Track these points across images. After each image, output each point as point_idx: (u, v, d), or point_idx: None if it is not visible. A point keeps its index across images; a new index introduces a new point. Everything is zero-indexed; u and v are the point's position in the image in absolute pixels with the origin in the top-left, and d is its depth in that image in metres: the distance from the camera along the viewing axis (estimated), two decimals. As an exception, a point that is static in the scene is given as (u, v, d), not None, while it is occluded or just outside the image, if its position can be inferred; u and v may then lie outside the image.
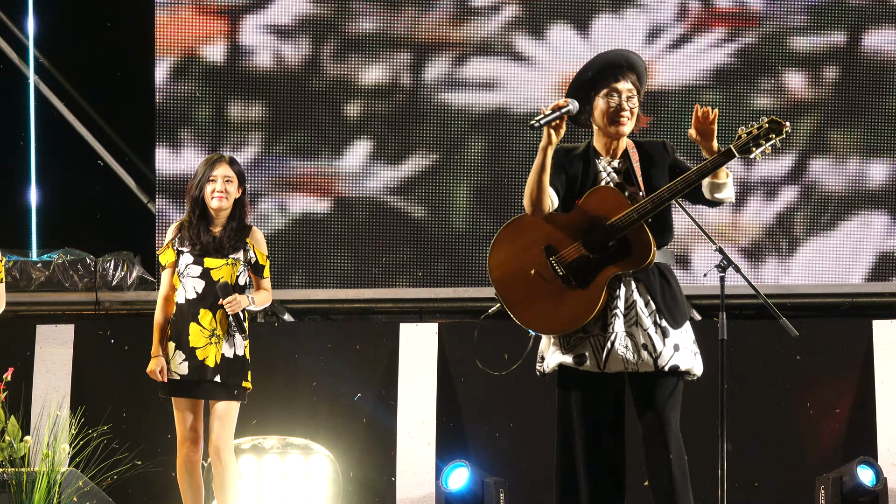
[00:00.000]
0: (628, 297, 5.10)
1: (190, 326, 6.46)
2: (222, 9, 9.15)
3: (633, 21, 8.83)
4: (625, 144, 5.24)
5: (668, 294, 5.14)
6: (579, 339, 5.12)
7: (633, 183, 5.16)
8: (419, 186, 8.97)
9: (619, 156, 5.23)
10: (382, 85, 9.04)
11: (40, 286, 9.10)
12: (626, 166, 5.20)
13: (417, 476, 8.45)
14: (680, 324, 5.14)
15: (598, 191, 5.14)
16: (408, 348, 8.62)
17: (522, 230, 5.21)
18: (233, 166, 6.59)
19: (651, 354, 5.07)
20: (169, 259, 6.56)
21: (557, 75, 8.89)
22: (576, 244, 5.10)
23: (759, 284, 7.89)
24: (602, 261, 5.07)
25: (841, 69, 8.71)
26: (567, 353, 5.13)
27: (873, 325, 8.34)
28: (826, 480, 7.80)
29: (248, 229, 6.60)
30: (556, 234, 5.14)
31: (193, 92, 9.14)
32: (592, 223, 5.10)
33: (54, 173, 9.61)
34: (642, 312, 5.09)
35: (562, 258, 5.11)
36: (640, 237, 5.06)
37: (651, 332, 5.08)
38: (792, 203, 8.70)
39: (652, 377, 5.11)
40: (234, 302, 6.44)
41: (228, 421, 6.50)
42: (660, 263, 5.16)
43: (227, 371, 6.46)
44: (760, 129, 5.04)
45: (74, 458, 7.41)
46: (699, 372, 5.21)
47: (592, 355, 5.10)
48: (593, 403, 5.14)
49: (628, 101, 5.17)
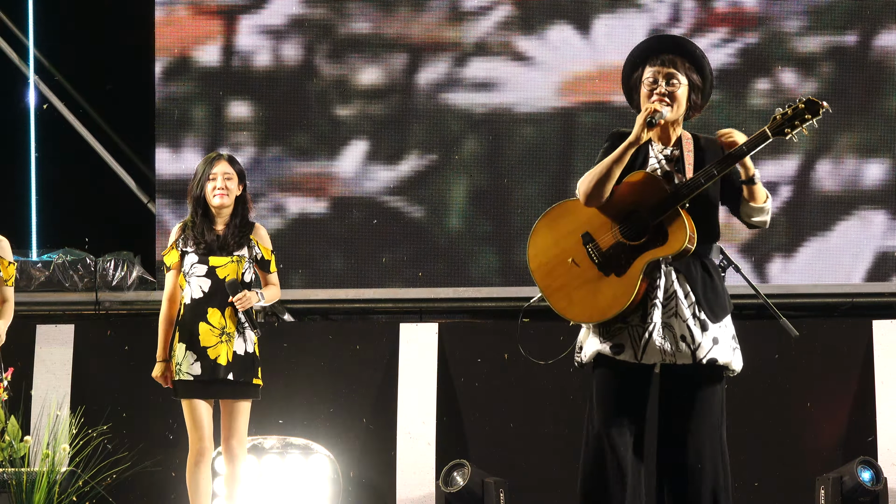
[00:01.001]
0: (668, 287, 5.04)
1: (199, 326, 6.46)
2: (222, 9, 9.15)
3: (634, 21, 8.83)
4: (679, 133, 5.17)
5: (709, 287, 5.08)
6: (618, 328, 5.06)
7: (682, 171, 5.10)
8: (419, 186, 8.97)
9: (671, 143, 5.17)
10: (381, 85, 9.04)
11: (40, 286, 9.10)
12: (678, 154, 5.14)
13: (417, 476, 8.45)
14: (720, 318, 5.08)
15: (636, 175, 5.08)
16: (408, 348, 8.62)
17: (562, 217, 5.16)
18: (232, 164, 6.59)
19: (689, 346, 5.02)
20: (173, 260, 6.56)
21: (557, 75, 8.89)
22: (613, 231, 5.06)
23: (759, 284, 7.89)
24: (639, 248, 5.02)
25: (841, 69, 8.71)
26: (605, 342, 5.08)
27: (873, 325, 8.34)
28: (826, 480, 7.80)
29: (251, 226, 6.61)
30: (595, 220, 5.09)
31: (193, 92, 9.14)
32: (631, 209, 5.05)
33: (54, 173, 9.61)
34: (682, 304, 5.03)
35: (599, 245, 5.06)
36: (676, 223, 5.00)
37: (690, 324, 5.02)
38: (792, 203, 8.70)
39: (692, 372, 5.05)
40: (245, 298, 6.44)
41: (242, 419, 6.50)
42: (703, 257, 5.10)
43: (239, 368, 6.46)
44: (796, 109, 4.98)
45: (74, 458, 7.41)
46: (738, 368, 5.15)
47: (630, 345, 5.04)
48: (628, 394, 5.08)
49: (666, 84, 5.09)
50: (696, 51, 5.17)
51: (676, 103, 5.12)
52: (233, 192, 6.55)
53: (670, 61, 5.12)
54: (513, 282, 8.83)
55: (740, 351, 5.19)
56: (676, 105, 5.12)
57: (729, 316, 5.16)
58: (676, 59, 5.13)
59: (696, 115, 5.21)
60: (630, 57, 5.22)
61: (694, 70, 5.15)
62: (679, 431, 5.07)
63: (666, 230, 5.01)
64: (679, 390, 5.08)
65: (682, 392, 5.08)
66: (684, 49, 5.16)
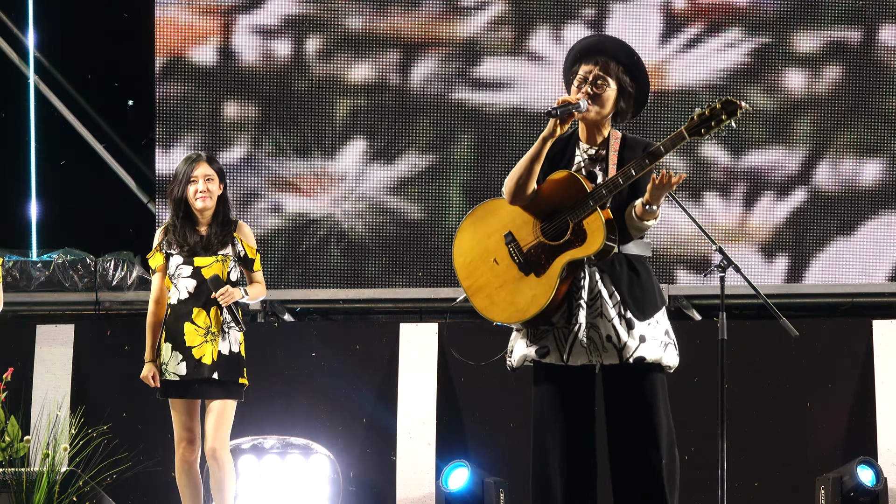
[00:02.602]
0: (592, 287, 5.03)
1: (185, 326, 6.46)
2: (222, 9, 9.15)
3: (632, 19, 8.83)
4: (608, 133, 5.16)
5: (635, 285, 5.05)
6: (544, 331, 5.06)
7: (605, 171, 5.09)
8: (419, 186, 8.97)
9: (598, 143, 5.16)
10: (380, 83, 9.04)
11: (40, 286, 9.10)
12: (603, 154, 5.13)
13: (417, 476, 8.45)
14: (648, 315, 5.05)
15: (558, 175, 5.08)
16: (408, 348, 8.62)
17: (486, 217, 5.16)
18: (212, 164, 6.57)
19: (615, 346, 5.00)
20: (158, 263, 6.56)
21: (558, 72, 8.88)
22: (534, 230, 5.05)
23: (759, 284, 7.88)
24: (559, 247, 5.01)
25: (842, 68, 8.70)
26: (531, 346, 5.08)
27: (873, 325, 8.34)
28: (826, 480, 7.80)
29: (233, 224, 6.59)
30: (518, 220, 5.09)
31: (193, 92, 9.13)
32: (553, 209, 5.05)
33: (54, 173, 9.61)
34: (607, 303, 5.02)
35: (520, 245, 5.06)
36: (594, 223, 4.98)
37: (615, 324, 5.00)
38: (791, 203, 8.70)
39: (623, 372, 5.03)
40: (227, 293, 6.43)
41: (225, 420, 6.48)
42: (630, 254, 5.09)
43: (223, 368, 6.45)
44: (713, 109, 4.95)
45: (74, 458, 7.41)
46: (672, 363, 5.09)
47: (556, 347, 5.04)
48: (563, 398, 5.08)
49: (591, 84, 5.07)
50: (635, 57, 5.16)
51: (600, 104, 5.10)
52: (214, 193, 6.54)
53: (604, 63, 5.11)
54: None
55: (675, 346, 5.12)
56: (600, 106, 5.10)
57: (661, 312, 5.12)
58: (611, 62, 5.12)
59: (626, 120, 5.17)
60: (571, 51, 5.21)
61: (628, 76, 5.13)
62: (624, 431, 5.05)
63: (585, 230, 5.00)
64: (619, 390, 5.06)
65: (622, 391, 5.05)
66: (621, 53, 5.15)
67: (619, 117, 5.17)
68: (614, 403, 5.08)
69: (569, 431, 5.07)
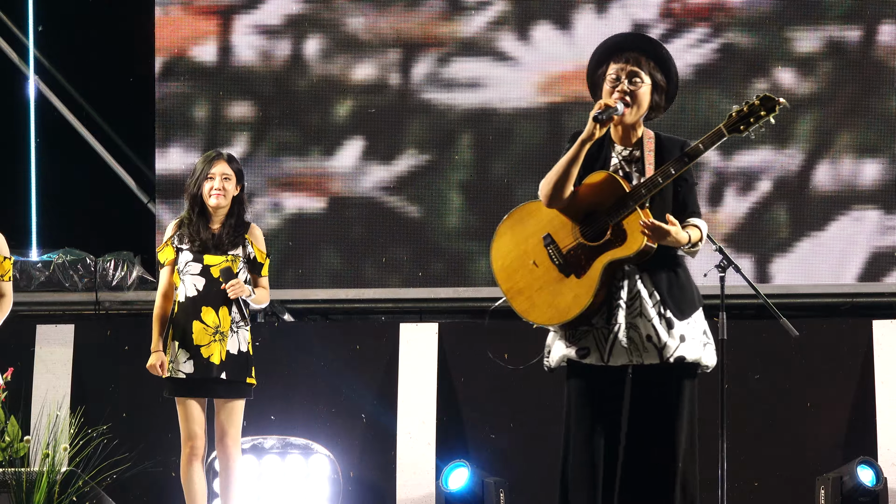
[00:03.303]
0: (632, 287, 5.01)
1: (193, 325, 6.46)
2: (222, 9, 9.15)
3: (631, 18, 8.84)
4: (641, 133, 5.13)
5: (674, 284, 5.04)
6: (584, 332, 5.04)
7: (641, 171, 5.07)
8: (419, 186, 8.97)
9: (632, 143, 5.13)
10: (379, 83, 9.04)
11: (40, 286, 9.10)
12: (638, 155, 5.11)
13: (417, 476, 8.45)
14: (686, 315, 5.04)
15: (596, 176, 5.06)
16: (408, 348, 8.62)
17: (524, 219, 5.16)
18: (231, 164, 6.58)
19: (656, 345, 4.98)
20: (168, 256, 6.56)
21: (559, 71, 8.88)
22: (573, 232, 5.04)
23: (759, 284, 7.89)
24: (599, 248, 5.00)
25: (841, 68, 8.71)
26: (571, 346, 5.06)
27: (873, 325, 8.34)
28: (826, 480, 7.80)
29: (246, 226, 6.60)
30: (556, 221, 5.08)
31: (193, 92, 9.13)
32: (591, 210, 5.04)
33: (54, 173, 9.60)
34: (646, 303, 5.00)
35: (559, 247, 5.05)
36: (634, 224, 4.97)
37: (655, 323, 4.99)
38: (791, 202, 8.70)
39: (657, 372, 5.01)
40: (237, 286, 6.43)
41: (235, 418, 6.50)
42: (669, 254, 5.07)
43: (232, 368, 6.46)
44: (752, 106, 4.96)
45: (74, 458, 7.40)
46: (711, 363, 5.09)
47: (596, 348, 5.02)
48: (599, 398, 5.04)
49: (627, 83, 5.04)
50: (663, 51, 5.13)
51: (637, 102, 5.07)
52: (230, 193, 6.55)
53: (635, 59, 5.07)
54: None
55: (713, 346, 5.12)
56: (637, 104, 5.07)
57: (699, 311, 5.11)
58: (641, 57, 5.08)
59: (658, 115, 5.15)
60: (595, 52, 5.17)
61: (658, 70, 5.10)
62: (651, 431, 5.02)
63: (625, 230, 4.99)
64: (650, 390, 5.03)
65: (652, 392, 5.03)
66: (650, 48, 5.12)
67: (652, 113, 5.13)
68: (640, 403, 5.04)
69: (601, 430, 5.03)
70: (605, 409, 5.05)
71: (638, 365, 5.02)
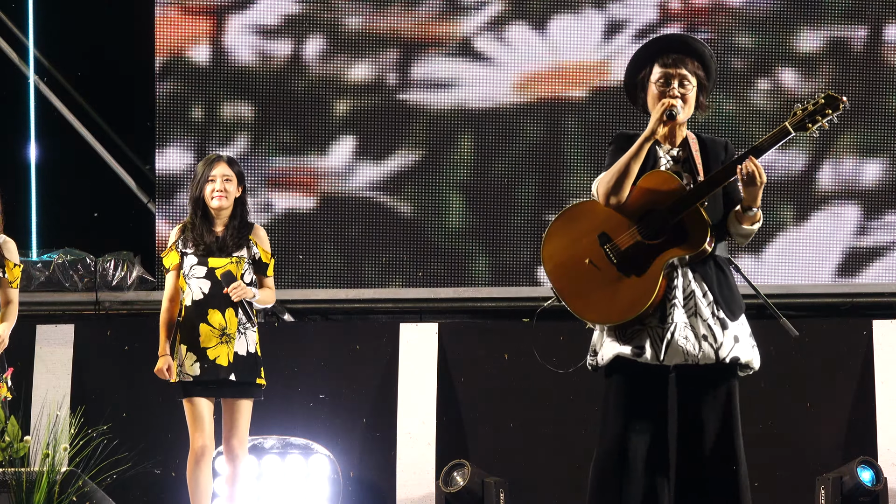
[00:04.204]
0: (686, 287, 5.00)
1: (200, 327, 6.46)
2: (222, 9, 9.15)
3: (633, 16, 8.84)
4: (684, 134, 5.14)
5: (724, 285, 5.04)
6: (636, 330, 5.00)
7: (691, 171, 5.06)
8: (419, 186, 8.97)
9: (677, 144, 5.13)
10: (378, 82, 9.04)
11: (40, 286, 9.10)
12: (686, 155, 5.10)
13: (417, 476, 8.45)
14: (737, 316, 5.04)
15: (653, 175, 5.04)
16: (408, 348, 8.62)
17: (576, 218, 5.11)
18: (231, 165, 6.59)
19: (712, 346, 4.98)
20: (173, 262, 6.57)
21: (558, 70, 8.89)
22: (630, 230, 5.01)
23: (759, 284, 7.88)
24: (658, 247, 4.97)
25: (841, 68, 8.71)
26: (625, 345, 5.00)
27: (873, 325, 8.34)
28: (826, 480, 7.80)
29: (250, 227, 6.61)
30: (611, 221, 5.04)
31: (193, 91, 9.14)
32: (648, 208, 5.01)
33: (54, 173, 9.60)
34: (701, 303, 4.99)
35: (616, 245, 5.01)
36: (697, 220, 4.96)
37: (711, 323, 4.98)
38: (791, 202, 8.71)
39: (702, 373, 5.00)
40: (239, 288, 6.43)
41: (243, 418, 6.51)
42: (718, 255, 5.07)
43: (240, 369, 6.47)
44: (816, 104, 4.94)
45: (74, 458, 7.40)
46: (757, 366, 5.11)
47: (651, 346, 4.98)
48: (647, 396, 5.02)
49: (679, 86, 5.06)
50: (706, 51, 5.14)
51: (688, 104, 5.09)
52: (231, 194, 6.56)
53: (681, 61, 5.08)
54: (513, 282, 8.82)
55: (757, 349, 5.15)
56: (688, 107, 5.09)
57: (744, 314, 5.12)
58: (686, 58, 5.09)
59: (702, 114, 5.18)
60: (637, 55, 5.17)
61: (702, 69, 5.12)
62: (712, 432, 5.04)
63: (686, 229, 4.97)
64: (697, 392, 5.03)
65: (700, 394, 5.03)
66: (693, 49, 5.12)
67: (695, 112, 5.15)
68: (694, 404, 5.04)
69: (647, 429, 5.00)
70: (650, 408, 5.03)
71: (682, 364, 5.00)
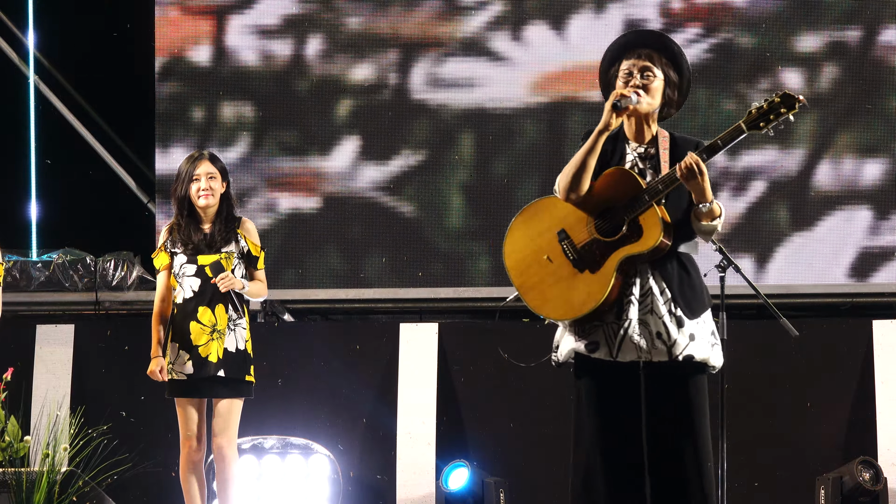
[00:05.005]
0: (643, 284, 5.01)
1: (190, 325, 6.47)
2: (222, 9, 9.15)
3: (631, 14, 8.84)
4: (654, 131, 5.14)
5: (685, 283, 5.04)
6: (594, 326, 5.02)
7: (656, 169, 5.06)
8: (419, 186, 8.97)
9: (646, 141, 5.13)
10: (379, 84, 9.04)
11: (40, 286, 9.10)
12: (653, 152, 5.11)
13: (417, 476, 8.45)
14: (697, 314, 5.03)
15: (613, 172, 5.05)
16: (408, 348, 8.62)
17: (537, 215, 5.13)
18: (214, 162, 6.60)
19: (665, 343, 4.98)
20: (163, 262, 6.58)
21: (559, 70, 8.88)
22: (588, 227, 5.02)
23: (759, 284, 7.89)
24: (614, 244, 4.98)
25: (842, 67, 8.71)
26: (580, 340, 5.04)
27: (873, 325, 8.34)
28: (826, 480, 7.80)
29: (237, 220, 6.61)
30: (570, 217, 5.06)
31: (193, 92, 9.13)
32: (606, 205, 5.02)
33: (54, 173, 9.60)
34: (658, 300, 4.99)
35: (574, 242, 5.03)
36: (651, 219, 4.96)
37: (666, 321, 4.98)
38: (792, 202, 8.70)
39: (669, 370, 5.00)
40: (227, 279, 6.44)
41: (232, 417, 6.50)
42: (681, 253, 5.07)
43: (229, 365, 6.46)
44: (772, 103, 4.95)
45: (74, 458, 7.41)
46: (718, 363, 5.08)
47: (605, 343, 5.00)
48: (608, 393, 5.04)
49: (639, 77, 5.05)
50: (675, 47, 5.14)
51: (650, 96, 5.07)
52: (217, 191, 6.57)
53: (647, 55, 5.08)
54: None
55: (720, 347, 5.12)
56: (650, 98, 5.07)
57: (708, 311, 5.10)
58: (653, 53, 5.09)
59: (673, 112, 5.17)
60: (608, 51, 5.18)
61: (671, 66, 5.11)
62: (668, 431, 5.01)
63: (641, 226, 4.97)
64: (662, 388, 5.02)
65: (665, 390, 5.02)
66: (662, 44, 5.13)
67: (665, 109, 5.14)
68: (656, 401, 5.04)
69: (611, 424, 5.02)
70: (616, 406, 5.04)
71: (648, 362, 5.01)
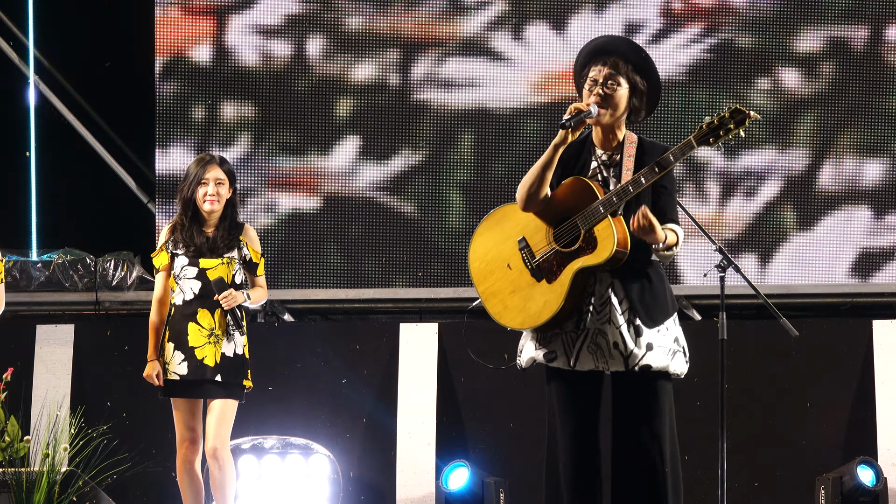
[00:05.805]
0: (602, 294, 5.01)
1: (188, 326, 6.47)
2: (222, 9, 9.15)
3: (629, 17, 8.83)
4: (622, 137, 5.12)
5: (646, 292, 5.02)
6: (554, 334, 5.04)
7: (619, 177, 5.04)
8: (419, 186, 8.97)
9: (612, 148, 5.12)
10: (379, 84, 9.04)
11: (40, 286, 9.10)
12: (618, 159, 5.09)
13: (417, 476, 8.45)
14: (658, 322, 5.01)
15: (572, 182, 5.05)
16: (408, 348, 8.62)
17: (502, 221, 5.15)
18: (223, 167, 6.59)
19: (622, 353, 4.98)
20: (163, 262, 6.57)
21: (559, 70, 8.88)
22: (547, 236, 5.04)
23: (759, 284, 7.89)
24: (570, 254, 4.99)
25: (843, 67, 8.71)
26: (540, 349, 5.07)
27: (873, 325, 8.34)
28: (826, 480, 7.80)
29: (241, 227, 6.60)
30: (531, 225, 5.07)
31: (193, 92, 9.13)
32: (564, 215, 5.02)
33: (54, 173, 9.60)
34: (616, 310, 4.99)
35: (532, 251, 5.04)
36: (605, 230, 4.95)
37: (623, 331, 4.98)
38: (792, 202, 8.70)
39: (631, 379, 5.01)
40: (230, 297, 6.44)
41: (226, 420, 6.49)
42: (643, 261, 5.04)
43: (227, 370, 6.46)
44: (722, 119, 4.95)
45: (74, 458, 7.41)
46: (680, 371, 5.06)
47: (563, 352, 5.02)
48: (572, 400, 5.05)
49: (602, 85, 5.04)
50: (643, 54, 5.12)
51: (612, 105, 5.06)
52: (224, 197, 6.56)
53: (613, 63, 5.07)
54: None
55: (684, 353, 5.10)
56: (612, 107, 5.06)
57: (672, 318, 5.08)
58: (619, 60, 5.08)
59: (640, 119, 5.14)
60: (580, 54, 5.18)
61: (637, 73, 5.09)
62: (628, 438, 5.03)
63: (596, 238, 4.97)
64: (625, 396, 5.04)
65: (628, 398, 5.03)
66: (630, 52, 5.11)
67: (633, 116, 5.12)
68: (620, 409, 5.06)
69: (576, 432, 5.05)
70: (583, 411, 5.06)
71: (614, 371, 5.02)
